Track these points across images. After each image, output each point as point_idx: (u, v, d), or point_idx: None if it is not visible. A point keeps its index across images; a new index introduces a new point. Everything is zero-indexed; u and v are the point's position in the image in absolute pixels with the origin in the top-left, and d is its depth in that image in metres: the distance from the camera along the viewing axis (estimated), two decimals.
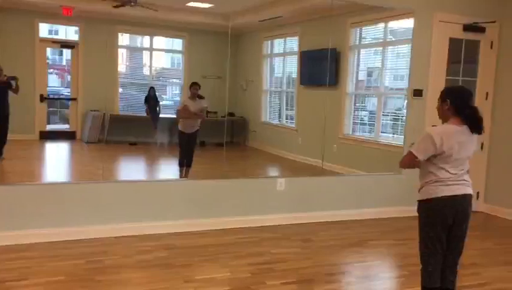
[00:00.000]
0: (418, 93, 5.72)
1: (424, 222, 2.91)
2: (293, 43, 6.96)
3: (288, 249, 4.45)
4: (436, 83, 5.61)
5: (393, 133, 6.30)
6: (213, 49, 6.74)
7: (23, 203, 4.31)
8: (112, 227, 4.55)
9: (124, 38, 6.76)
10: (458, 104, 2.81)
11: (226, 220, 5.00)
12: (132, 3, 5.73)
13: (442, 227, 2.81)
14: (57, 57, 6.55)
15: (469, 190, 2.87)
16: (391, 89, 6.58)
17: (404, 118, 5.94)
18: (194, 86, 6.09)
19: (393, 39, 6.26)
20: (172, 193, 4.90)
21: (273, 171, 6.63)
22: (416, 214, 3.08)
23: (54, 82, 6.53)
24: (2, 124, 5.45)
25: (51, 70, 6.42)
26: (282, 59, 7.17)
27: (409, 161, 2.92)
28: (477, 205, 6.08)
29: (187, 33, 6.67)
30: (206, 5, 6.42)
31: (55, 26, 6.29)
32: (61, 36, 6.36)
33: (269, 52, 7.08)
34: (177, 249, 4.29)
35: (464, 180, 2.85)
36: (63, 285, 3.42)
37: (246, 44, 6.95)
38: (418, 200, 2.94)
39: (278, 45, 7.13)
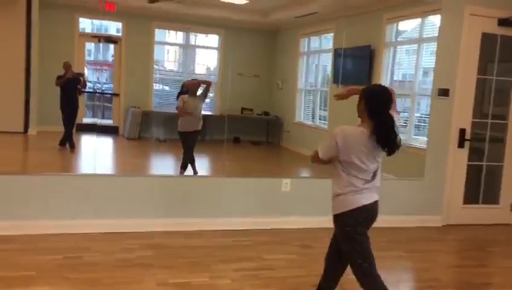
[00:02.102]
0: (443, 92, 5.26)
1: (349, 232, 2.69)
2: (328, 41, 6.73)
3: (283, 256, 4.12)
4: (465, 83, 5.23)
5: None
6: (249, 47, 6.67)
7: (8, 194, 4.17)
8: (101, 222, 4.36)
9: (160, 34, 6.78)
10: (371, 108, 2.56)
11: (224, 221, 4.70)
12: None
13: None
14: (93, 51, 6.65)
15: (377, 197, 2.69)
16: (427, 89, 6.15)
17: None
18: (194, 81, 6.05)
19: (430, 36, 5.83)
20: (169, 189, 4.64)
21: (300, 173, 6.39)
22: (439, 225, 2.82)
23: (93, 77, 6.66)
24: (71, 116, 5.73)
25: (93, 66, 6.58)
26: (317, 57, 6.95)
27: (314, 157, 2.75)
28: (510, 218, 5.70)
29: (223, 30, 6.61)
30: (242, 1, 6.35)
31: (96, 22, 6.40)
32: (101, 31, 6.48)
33: (306, 49, 6.89)
34: (163, 249, 4.07)
35: (375, 186, 2.66)
36: (30, 280, 3.30)
37: (283, 41, 6.81)
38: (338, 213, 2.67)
39: (314, 42, 6.92)
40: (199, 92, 5.98)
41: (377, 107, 2.56)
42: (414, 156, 5.66)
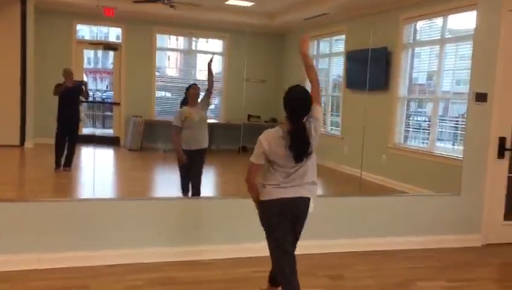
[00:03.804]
0: (481, 97, 4.79)
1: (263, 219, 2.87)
2: (339, 43, 6.46)
3: None
4: (505, 86, 4.81)
5: (454, 144, 5.58)
6: (255, 51, 6.41)
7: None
8: (105, 253, 3.78)
9: (161, 40, 6.55)
10: (287, 111, 2.66)
11: (238, 247, 4.03)
12: (166, 1, 5.49)
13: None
14: (92, 58, 6.42)
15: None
16: (451, 93, 5.84)
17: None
18: (194, 86, 4.99)
19: (452, 36, 5.50)
20: (176, 213, 4.06)
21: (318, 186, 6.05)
22: (478, 245, 2.49)
23: (92, 85, 6.43)
24: (71, 131, 5.26)
25: (92, 74, 6.35)
26: (327, 60, 6.67)
27: (250, 170, 2.77)
28: None
29: (228, 34, 6.37)
30: (247, 4, 6.10)
31: (94, 28, 6.18)
32: (102, 38, 6.26)
33: (315, 53, 6.61)
34: (174, 285, 3.48)
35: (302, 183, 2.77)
36: None
37: (290, 45, 6.55)
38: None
39: (324, 45, 6.64)
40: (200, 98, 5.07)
41: (291, 113, 2.65)
42: (440, 165, 5.34)
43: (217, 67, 6.75)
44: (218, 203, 4.24)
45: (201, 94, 5.00)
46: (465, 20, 5.26)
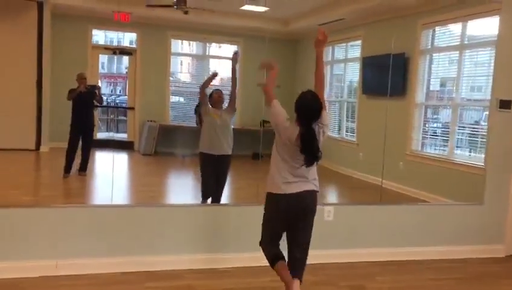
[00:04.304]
0: (505, 104, 4.66)
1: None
2: (354, 49, 6.41)
3: None
4: None
5: (470, 151, 5.50)
6: (270, 56, 6.35)
7: (9, 229, 3.57)
8: (123, 260, 3.74)
9: (182, 46, 6.54)
10: (298, 115, 2.80)
11: (257, 256, 3.62)
12: (182, 5, 5.49)
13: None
14: (106, 63, 6.43)
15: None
16: (469, 99, 5.77)
17: (484, 133, 5.11)
18: (218, 92, 4.75)
19: (471, 42, 5.43)
20: (194, 220, 4.01)
21: (327, 191, 5.97)
22: (501, 256, 2.43)
23: (107, 90, 6.45)
24: (86, 138, 5.23)
25: (107, 78, 6.36)
26: (343, 66, 6.62)
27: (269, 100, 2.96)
28: None
29: (242, 39, 6.35)
30: (262, 9, 6.07)
31: (110, 33, 6.20)
32: (115, 43, 6.27)
33: (329, 58, 6.56)
34: None
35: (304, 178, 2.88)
36: None
37: (305, 50, 6.51)
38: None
39: (339, 51, 6.59)
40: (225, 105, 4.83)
41: (302, 117, 2.79)
42: (459, 173, 5.26)
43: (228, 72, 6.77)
44: (236, 210, 4.19)
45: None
46: (484, 26, 5.22)
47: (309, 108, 2.79)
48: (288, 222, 2.95)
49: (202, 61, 6.68)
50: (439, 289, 3.86)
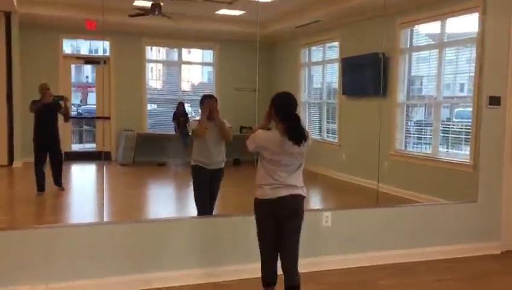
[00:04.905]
0: (495, 101, 4.64)
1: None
2: (332, 50, 6.41)
3: None
4: None
5: (447, 147, 5.54)
6: (246, 60, 6.30)
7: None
8: (114, 280, 3.54)
9: (151, 52, 6.44)
10: (280, 113, 2.91)
11: (255, 267, 3.32)
12: (156, 13, 5.38)
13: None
14: (79, 73, 6.27)
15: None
16: (446, 97, 5.80)
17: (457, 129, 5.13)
18: (209, 100, 4.24)
19: (451, 40, 5.47)
20: (184, 234, 3.82)
21: (314, 194, 5.92)
22: (497, 253, 2.40)
23: (77, 100, 6.29)
24: (53, 153, 4.93)
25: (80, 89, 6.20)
26: (321, 68, 6.62)
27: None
28: None
29: (218, 44, 6.28)
30: (237, 12, 6.02)
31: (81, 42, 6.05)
32: (85, 52, 6.12)
33: (307, 60, 6.55)
34: None
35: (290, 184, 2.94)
36: None
37: (281, 53, 6.49)
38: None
39: (316, 53, 6.59)
40: None
41: (284, 112, 2.90)
42: (444, 171, 5.28)
43: (205, 77, 6.68)
44: (228, 221, 4.01)
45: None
46: (463, 24, 5.27)
47: (288, 98, 2.97)
48: (278, 226, 2.96)
49: (174, 68, 6.59)
50: (444, 289, 3.82)
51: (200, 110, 4.34)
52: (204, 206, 4.20)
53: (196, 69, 6.82)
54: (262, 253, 3.04)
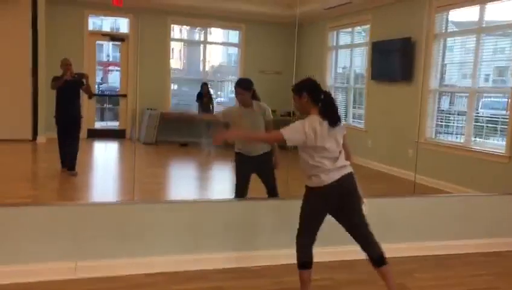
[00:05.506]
0: None
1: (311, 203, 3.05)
2: (361, 33, 6.25)
3: None
4: None
5: (475, 137, 5.36)
6: (272, 42, 6.25)
7: (21, 230, 3.21)
8: (146, 260, 3.40)
9: (177, 31, 6.37)
10: (313, 94, 2.91)
11: (288, 253, 3.22)
12: None
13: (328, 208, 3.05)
14: (104, 50, 6.24)
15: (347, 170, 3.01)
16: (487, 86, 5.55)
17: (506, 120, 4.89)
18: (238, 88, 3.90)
19: (488, 26, 5.23)
20: (219, 216, 3.67)
21: None
22: None
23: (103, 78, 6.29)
24: (72, 132, 4.76)
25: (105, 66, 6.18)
26: (349, 51, 6.46)
27: (275, 138, 3.15)
28: None
29: (244, 24, 6.17)
30: None
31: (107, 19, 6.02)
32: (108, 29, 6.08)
33: (335, 43, 6.40)
34: None
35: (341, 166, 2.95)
36: None
37: (308, 36, 6.32)
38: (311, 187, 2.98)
39: (345, 36, 6.43)
40: None
41: (317, 92, 2.91)
42: (477, 161, 5.12)
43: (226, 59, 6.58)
44: (263, 205, 3.83)
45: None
46: (503, 10, 5.04)
47: (314, 83, 2.97)
48: (337, 207, 2.99)
49: (197, 48, 6.51)
50: (481, 286, 3.61)
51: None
52: (241, 194, 4.05)
53: (217, 50, 6.73)
54: (306, 235, 2.98)
